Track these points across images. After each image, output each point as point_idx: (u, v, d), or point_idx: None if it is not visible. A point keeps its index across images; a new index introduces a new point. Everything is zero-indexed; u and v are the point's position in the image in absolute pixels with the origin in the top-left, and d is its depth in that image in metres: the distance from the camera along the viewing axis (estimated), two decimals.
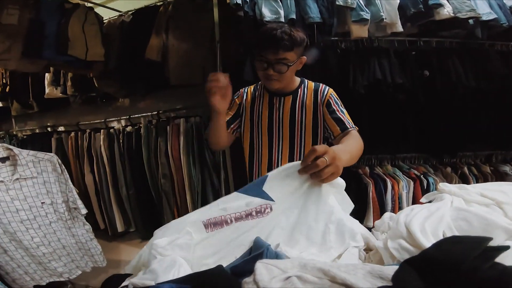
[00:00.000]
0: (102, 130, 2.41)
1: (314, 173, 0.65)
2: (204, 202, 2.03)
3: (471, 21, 1.84)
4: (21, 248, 1.36)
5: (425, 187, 1.86)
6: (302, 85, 1.18)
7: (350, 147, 0.93)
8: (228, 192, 2.06)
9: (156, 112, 2.37)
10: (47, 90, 2.70)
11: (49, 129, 2.95)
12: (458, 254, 0.34)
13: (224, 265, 0.54)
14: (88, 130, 2.54)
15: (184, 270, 0.55)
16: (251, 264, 0.48)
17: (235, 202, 0.67)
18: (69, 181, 1.47)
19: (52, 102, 2.83)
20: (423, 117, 1.98)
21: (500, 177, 1.91)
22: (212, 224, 0.67)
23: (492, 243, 0.38)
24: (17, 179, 1.35)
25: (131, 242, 2.41)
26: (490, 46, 2.01)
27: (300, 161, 0.67)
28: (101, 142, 2.37)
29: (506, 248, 0.35)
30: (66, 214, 1.46)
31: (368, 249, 0.64)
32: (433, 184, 1.87)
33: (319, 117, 1.14)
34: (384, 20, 1.72)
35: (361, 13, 1.70)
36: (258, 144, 1.21)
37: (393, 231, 0.58)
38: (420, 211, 0.60)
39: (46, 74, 2.65)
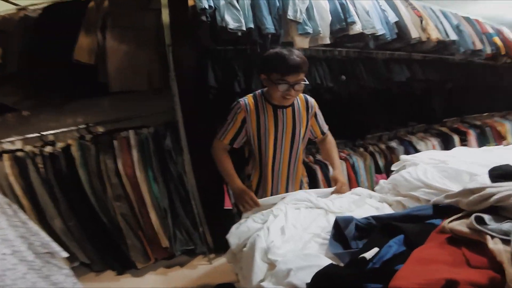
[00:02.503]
0: (4, 155, 1.81)
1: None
2: (175, 218, 1.92)
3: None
4: None
5: (352, 165, 2.42)
6: (295, 98, 1.36)
7: (338, 160, 1.45)
8: (197, 200, 2.03)
9: (84, 126, 1.99)
10: None
11: None
12: None
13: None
14: None
15: None
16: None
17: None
18: (29, 222, 1.12)
19: None
20: (343, 111, 2.53)
21: (391, 150, 2.70)
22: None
23: (460, 183, 0.86)
24: None
25: (84, 277, 1.93)
26: (377, 54, 2.74)
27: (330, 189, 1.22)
28: (7, 170, 1.78)
29: None
30: (38, 261, 1.11)
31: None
32: (356, 162, 2.45)
33: (309, 124, 1.40)
34: (320, 34, 2.08)
35: (306, 27, 1.99)
36: (265, 149, 1.33)
37: (407, 186, 0.98)
38: (414, 172, 1.02)
39: None
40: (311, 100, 1.41)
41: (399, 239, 0.56)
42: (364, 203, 1.01)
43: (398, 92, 2.76)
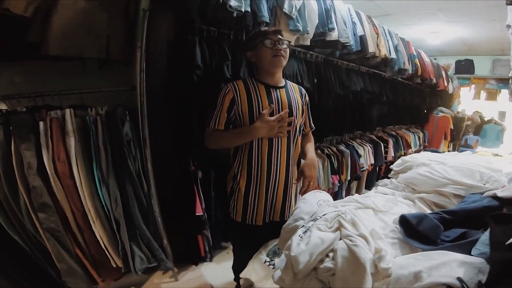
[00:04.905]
0: None
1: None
2: (132, 230, 1.52)
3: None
4: None
5: None
6: (287, 83, 1.34)
7: (313, 152, 1.39)
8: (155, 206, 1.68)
9: None
10: None
11: None
12: None
13: None
14: None
15: None
16: None
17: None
18: None
19: None
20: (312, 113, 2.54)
21: (341, 152, 2.89)
22: None
23: (474, 180, 1.02)
24: None
25: None
26: (337, 63, 2.83)
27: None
28: None
29: None
30: None
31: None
32: (317, 163, 2.52)
33: (304, 111, 1.37)
34: (306, 34, 1.98)
35: (298, 24, 1.85)
36: None
37: (433, 184, 1.05)
38: (434, 171, 1.09)
39: None
40: (304, 91, 1.39)
41: None
42: (397, 202, 1.03)
43: (351, 100, 2.95)
